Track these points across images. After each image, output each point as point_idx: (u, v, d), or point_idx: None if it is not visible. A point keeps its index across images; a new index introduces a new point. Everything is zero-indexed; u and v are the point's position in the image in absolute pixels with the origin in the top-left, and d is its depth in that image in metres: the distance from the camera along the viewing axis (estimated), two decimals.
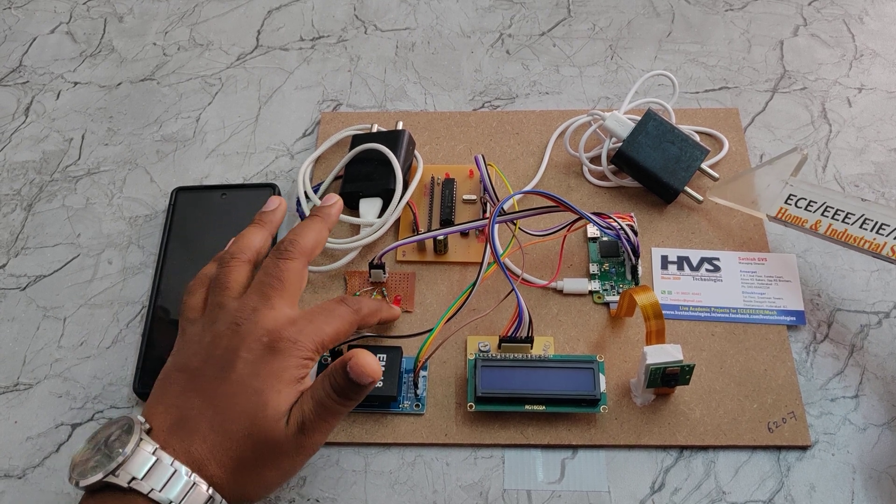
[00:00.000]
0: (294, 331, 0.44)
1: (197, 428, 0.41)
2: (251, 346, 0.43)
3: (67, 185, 0.64)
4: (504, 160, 0.63)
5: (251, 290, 0.46)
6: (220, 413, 0.41)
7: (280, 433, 0.41)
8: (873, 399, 0.51)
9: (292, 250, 0.47)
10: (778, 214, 0.54)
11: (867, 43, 0.69)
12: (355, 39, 0.72)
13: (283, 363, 0.42)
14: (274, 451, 0.42)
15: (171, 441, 0.40)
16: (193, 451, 0.40)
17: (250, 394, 0.41)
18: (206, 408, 0.41)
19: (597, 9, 0.73)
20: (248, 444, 0.41)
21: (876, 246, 0.50)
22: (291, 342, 0.43)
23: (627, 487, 0.48)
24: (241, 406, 0.41)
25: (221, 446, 0.41)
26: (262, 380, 0.42)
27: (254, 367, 0.42)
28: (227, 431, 0.41)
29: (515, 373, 0.49)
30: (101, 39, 0.74)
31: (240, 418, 0.41)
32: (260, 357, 0.42)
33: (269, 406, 0.41)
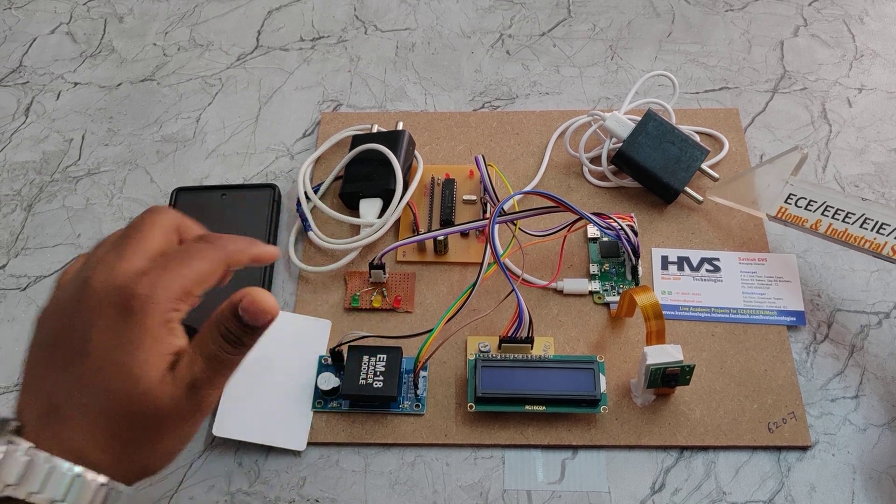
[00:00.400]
0: (146, 284, 0.39)
1: (67, 415, 0.37)
2: (104, 310, 0.38)
3: (67, 185, 0.64)
4: (504, 160, 0.63)
5: (109, 239, 0.42)
6: (88, 394, 0.38)
7: (164, 403, 0.38)
8: (873, 399, 0.51)
9: (186, 226, 0.43)
10: (778, 214, 0.54)
11: (867, 43, 0.69)
12: (355, 40, 0.72)
13: (141, 327, 0.38)
14: (164, 421, 0.38)
15: (43, 434, 0.37)
16: (70, 441, 0.37)
17: (116, 370, 0.38)
18: (72, 389, 0.38)
19: (597, 9, 0.73)
20: (128, 423, 0.38)
21: (876, 245, 0.50)
22: (145, 299, 0.38)
23: (628, 488, 0.48)
24: (109, 384, 0.38)
25: (99, 430, 0.38)
26: (123, 351, 0.38)
27: (111, 336, 0.38)
28: (100, 413, 0.38)
29: (515, 373, 0.49)
30: (102, 40, 0.74)
31: (111, 397, 0.38)
32: (115, 322, 0.38)
33: (140, 380, 0.38)
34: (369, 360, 0.51)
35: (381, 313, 0.55)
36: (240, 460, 0.50)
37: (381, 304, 0.55)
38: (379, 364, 0.50)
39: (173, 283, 0.39)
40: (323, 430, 0.50)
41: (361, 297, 0.55)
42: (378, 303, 0.55)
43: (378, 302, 0.55)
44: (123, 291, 0.39)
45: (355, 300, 0.55)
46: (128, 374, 0.38)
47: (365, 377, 0.50)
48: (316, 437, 0.50)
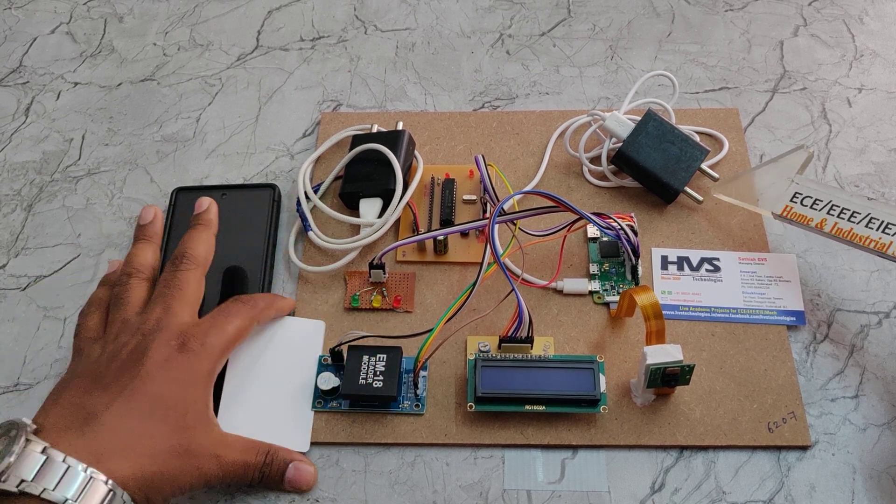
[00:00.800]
0: (200, 332, 0.44)
1: (103, 422, 0.40)
2: (160, 347, 0.43)
3: (68, 185, 0.64)
4: (504, 160, 0.63)
5: (153, 303, 0.46)
6: (131, 409, 0.40)
7: (202, 444, 0.41)
8: (873, 399, 0.51)
9: (188, 262, 0.49)
10: (783, 212, 0.54)
11: (867, 43, 0.69)
12: (355, 40, 0.72)
13: (196, 364, 0.43)
14: (194, 459, 0.41)
15: (67, 438, 0.39)
16: (97, 446, 0.39)
17: (169, 397, 0.41)
18: (113, 402, 0.40)
19: (597, 9, 0.73)
20: (165, 447, 0.40)
21: (882, 245, 0.50)
22: (200, 343, 0.44)
23: (627, 487, 0.48)
24: (156, 408, 0.41)
25: (132, 442, 0.40)
26: (178, 384, 0.42)
27: (165, 367, 0.42)
28: (139, 428, 0.40)
29: (515, 373, 0.49)
30: (102, 40, 0.74)
31: (155, 419, 0.41)
32: (171, 357, 0.43)
33: (188, 415, 0.42)
34: (369, 359, 0.51)
35: (381, 313, 0.55)
36: None
37: (381, 303, 0.55)
38: (379, 364, 0.50)
39: (220, 335, 0.45)
40: (323, 429, 0.50)
41: (361, 297, 0.55)
42: (378, 303, 0.55)
43: (378, 302, 0.55)
44: (182, 336, 0.44)
45: (355, 300, 0.55)
46: (179, 405, 0.41)
47: (365, 377, 0.50)
48: (316, 437, 0.50)
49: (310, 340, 0.54)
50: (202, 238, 0.51)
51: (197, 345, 0.44)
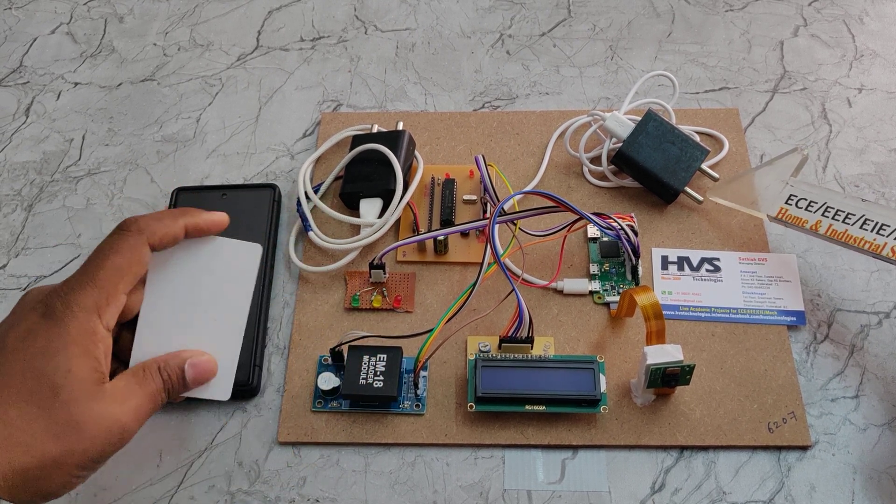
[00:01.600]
0: (66, 289, 0.38)
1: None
2: (26, 315, 0.38)
3: (68, 185, 0.64)
4: (504, 160, 0.63)
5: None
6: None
7: (87, 418, 0.36)
8: (873, 399, 0.51)
9: (125, 226, 0.41)
10: (778, 215, 0.54)
11: (867, 43, 0.69)
12: (355, 40, 0.72)
13: (61, 329, 0.37)
14: (81, 436, 0.36)
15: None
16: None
17: (30, 376, 0.36)
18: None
19: (597, 9, 0.73)
20: (42, 432, 0.36)
21: (876, 247, 0.50)
22: (63, 303, 0.37)
23: (628, 488, 0.48)
24: (20, 391, 0.36)
25: (7, 441, 0.35)
26: (45, 357, 0.36)
27: (28, 339, 0.37)
28: (8, 420, 0.36)
29: (516, 373, 0.49)
30: (102, 40, 0.74)
31: (21, 404, 0.36)
32: (34, 327, 0.37)
33: (61, 390, 0.36)
34: (369, 359, 0.51)
35: (382, 313, 0.55)
36: (240, 460, 0.50)
37: (382, 303, 0.55)
38: (379, 364, 0.50)
39: (90, 287, 0.38)
40: (323, 429, 0.50)
41: (361, 297, 0.55)
42: (378, 303, 0.55)
43: (378, 302, 0.55)
44: (47, 296, 0.38)
45: (355, 300, 0.55)
46: (48, 380, 0.36)
47: (365, 377, 0.50)
48: (316, 437, 0.50)
49: (242, 268, 0.46)
50: (168, 214, 0.42)
51: (60, 306, 0.37)
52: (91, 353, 0.38)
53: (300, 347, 0.54)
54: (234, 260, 0.45)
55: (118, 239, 0.40)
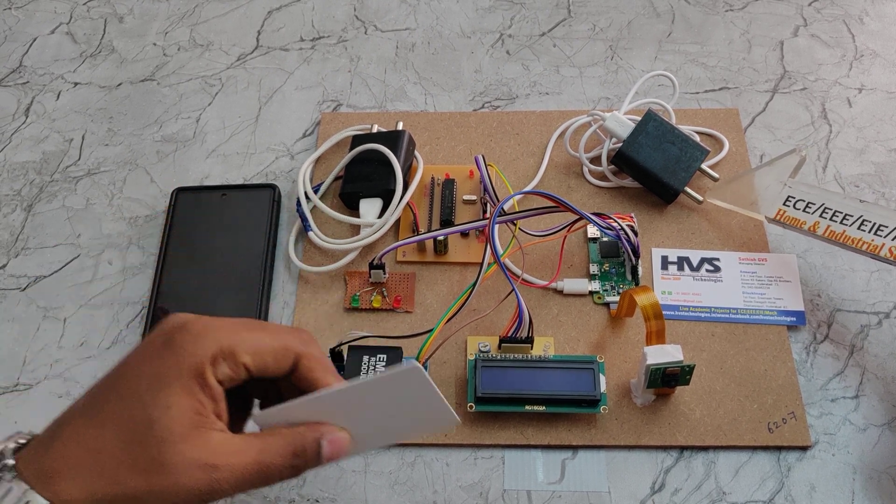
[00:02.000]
0: (199, 324, 0.36)
1: (61, 435, 0.34)
2: (151, 338, 0.36)
3: (67, 185, 0.64)
4: (504, 160, 0.63)
5: None
6: (91, 418, 0.34)
7: (174, 461, 0.34)
8: (873, 399, 0.51)
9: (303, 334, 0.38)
10: (777, 216, 0.54)
11: (867, 43, 0.69)
12: (355, 40, 0.72)
13: (177, 360, 0.35)
14: (162, 481, 0.34)
15: (32, 452, 0.34)
16: (47, 466, 0.33)
17: (130, 402, 0.34)
18: (80, 410, 0.34)
19: (597, 9, 0.73)
20: (126, 464, 0.33)
21: (874, 247, 0.50)
22: (191, 336, 0.35)
23: (628, 488, 0.48)
24: (117, 416, 0.34)
25: (85, 459, 0.33)
26: (145, 385, 0.34)
27: (140, 364, 0.35)
28: (94, 444, 0.34)
29: (515, 373, 0.49)
30: (102, 40, 0.74)
31: (114, 430, 0.34)
32: (151, 353, 0.35)
33: (155, 424, 0.34)
34: (369, 360, 0.51)
35: (382, 313, 0.55)
36: None
37: (381, 304, 0.55)
38: (379, 364, 0.50)
39: (225, 335, 0.35)
40: None
41: (361, 297, 0.55)
42: (378, 303, 0.55)
43: (378, 302, 0.55)
44: (179, 324, 0.36)
45: (355, 300, 0.55)
46: (144, 411, 0.34)
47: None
48: None
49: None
50: (313, 343, 0.38)
51: (186, 338, 0.35)
52: (195, 394, 0.35)
53: None
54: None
55: (281, 328, 0.38)
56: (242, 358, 0.36)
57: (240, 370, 0.36)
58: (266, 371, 0.37)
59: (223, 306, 0.55)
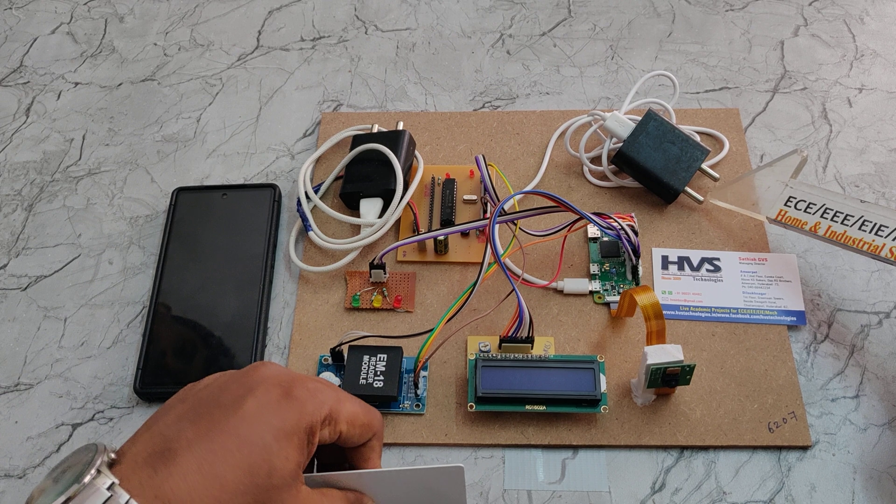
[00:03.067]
0: (311, 382, 0.39)
1: (179, 462, 0.35)
2: (268, 387, 0.38)
3: (68, 185, 0.64)
4: (504, 160, 0.63)
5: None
6: (214, 452, 0.36)
7: (284, 499, 0.37)
8: (874, 399, 0.51)
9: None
10: (778, 217, 0.54)
11: (868, 43, 0.69)
12: (356, 40, 0.72)
13: (297, 414, 0.38)
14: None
15: (139, 474, 0.35)
16: (167, 490, 0.34)
17: (259, 446, 0.36)
18: (198, 441, 0.36)
19: (597, 9, 0.73)
20: (242, 501, 0.35)
21: (875, 248, 0.50)
22: (308, 392, 0.39)
23: (628, 487, 0.48)
24: (242, 456, 0.36)
25: (207, 492, 0.35)
26: (274, 435, 0.37)
27: (264, 411, 0.37)
28: (217, 477, 0.35)
29: (516, 373, 0.49)
30: (102, 40, 0.74)
31: (238, 469, 0.36)
32: (274, 400, 0.38)
33: (275, 473, 0.36)
34: (370, 359, 0.51)
35: (382, 313, 0.55)
36: None
37: (382, 303, 0.55)
38: (379, 364, 0.50)
39: (336, 401, 0.39)
40: None
41: (362, 297, 0.56)
42: (378, 303, 0.55)
43: (378, 302, 0.55)
44: (292, 379, 0.39)
45: (356, 300, 0.55)
46: (267, 458, 0.36)
47: (365, 377, 0.50)
48: None
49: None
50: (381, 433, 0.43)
51: (304, 392, 0.38)
52: (304, 449, 0.38)
53: (300, 347, 0.54)
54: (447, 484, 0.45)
55: (367, 406, 0.42)
56: (341, 425, 0.40)
57: (335, 435, 0.40)
58: (349, 441, 0.41)
59: (224, 306, 0.55)
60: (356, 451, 0.43)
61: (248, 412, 0.37)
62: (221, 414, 0.37)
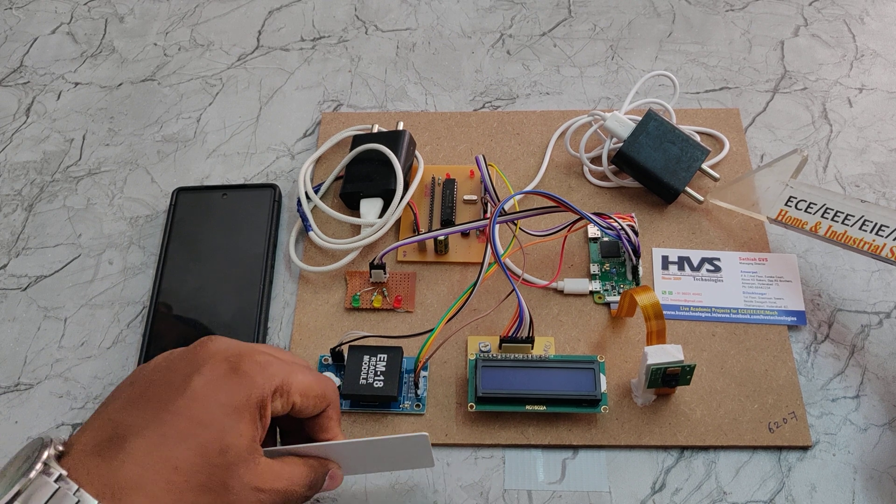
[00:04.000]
0: (259, 354, 0.39)
1: (129, 448, 0.35)
2: (215, 363, 0.38)
3: (68, 185, 0.64)
4: (505, 160, 0.63)
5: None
6: (164, 435, 0.35)
7: (237, 485, 0.36)
8: (874, 399, 0.51)
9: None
10: (778, 217, 0.54)
11: (868, 43, 0.69)
12: (356, 40, 0.72)
13: (247, 389, 0.37)
14: (229, 491, 0.36)
15: (87, 463, 0.34)
16: (117, 478, 0.34)
17: (206, 426, 0.36)
18: (146, 425, 0.35)
19: (597, 9, 0.73)
20: (196, 483, 0.35)
21: (875, 247, 0.50)
22: (257, 365, 0.38)
23: (628, 487, 0.48)
24: (193, 436, 0.36)
25: (159, 476, 0.35)
26: (221, 411, 0.36)
27: (212, 388, 0.37)
28: (169, 459, 0.35)
29: (516, 373, 0.49)
30: (102, 40, 0.74)
31: (190, 450, 0.35)
32: (221, 376, 0.37)
33: (229, 451, 0.36)
34: (370, 359, 0.51)
35: (382, 313, 0.55)
36: None
37: (382, 303, 0.55)
38: (379, 364, 0.50)
39: (284, 371, 0.39)
40: None
41: (362, 297, 0.55)
42: (378, 303, 0.55)
43: (378, 302, 0.55)
44: (239, 353, 0.38)
45: (356, 300, 0.55)
46: (221, 436, 0.36)
47: (365, 377, 0.50)
48: None
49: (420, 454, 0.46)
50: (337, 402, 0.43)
51: (253, 367, 0.38)
52: (256, 423, 0.38)
53: (300, 347, 0.54)
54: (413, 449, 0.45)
55: (321, 376, 0.42)
56: (293, 396, 0.39)
57: (287, 407, 0.40)
58: (303, 412, 0.41)
59: (224, 306, 0.55)
60: (314, 422, 0.42)
61: (196, 391, 0.37)
62: (169, 394, 0.37)
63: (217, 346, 0.39)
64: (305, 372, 0.41)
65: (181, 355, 0.39)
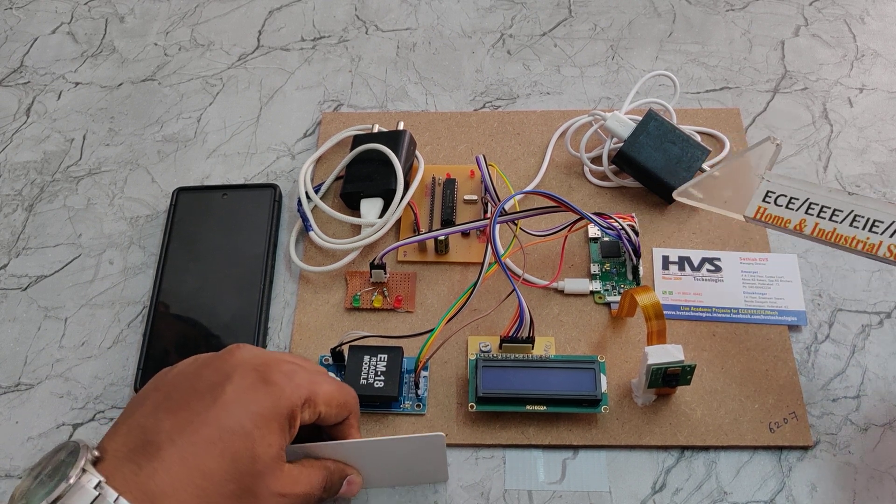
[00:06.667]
0: (287, 365, 0.40)
1: (162, 456, 0.35)
2: (244, 371, 0.38)
3: (68, 185, 0.64)
4: (505, 160, 0.63)
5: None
6: (196, 444, 0.36)
7: (264, 494, 0.37)
8: (875, 399, 0.51)
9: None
10: (756, 215, 0.49)
11: (868, 43, 0.69)
12: (356, 40, 0.72)
13: (278, 400, 0.38)
14: (256, 498, 0.37)
15: (123, 470, 0.35)
16: (151, 485, 0.34)
17: (238, 435, 0.37)
18: (178, 433, 0.36)
19: (598, 9, 0.73)
20: (224, 490, 0.36)
21: (871, 246, 0.45)
22: (287, 376, 0.39)
23: (629, 488, 0.48)
24: (224, 445, 0.36)
25: (191, 484, 0.35)
26: (252, 421, 0.37)
27: (243, 398, 0.37)
28: (201, 468, 0.35)
29: (516, 373, 0.49)
30: (103, 40, 0.74)
31: (221, 459, 0.36)
32: (251, 386, 0.38)
33: (258, 460, 0.37)
34: (370, 359, 0.51)
35: (382, 313, 0.55)
36: None
37: (382, 304, 0.55)
38: (380, 364, 0.50)
39: (309, 381, 0.40)
40: None
41: (362, 297, 0.55)
42: (379, 303, 0.55)
43: (379, 302, 0.55)
44: (266, 362, 0.39)
45: (356, 300, 0.55)
46: (252, 445, 0.37)
47: (366, 377, 0.50)
48: None
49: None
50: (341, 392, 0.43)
51: (281, 377, 0.38)
52: (285, 433, 0.39)
53: (301, 347, 0.54)
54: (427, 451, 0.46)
55: (343, 384, 0.43)
56: (319, 406, 0.40)
57: (314, 416, 0.41)
58: (327, 420, 0.42)
59: (224, 306, 0.55)
60: (335, 429, 0.43)
61: (227, 400, 0.37)
62: (200, 403, 0.37)
63: (244, 354, 0.40)
64: (329, 381, 0.41)
65: (207, 362, 0.40)
